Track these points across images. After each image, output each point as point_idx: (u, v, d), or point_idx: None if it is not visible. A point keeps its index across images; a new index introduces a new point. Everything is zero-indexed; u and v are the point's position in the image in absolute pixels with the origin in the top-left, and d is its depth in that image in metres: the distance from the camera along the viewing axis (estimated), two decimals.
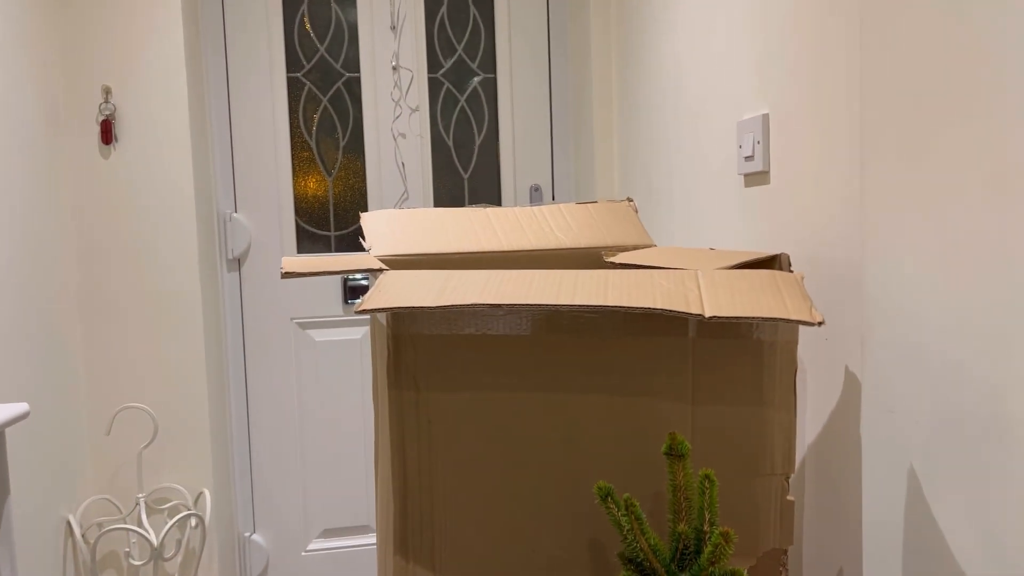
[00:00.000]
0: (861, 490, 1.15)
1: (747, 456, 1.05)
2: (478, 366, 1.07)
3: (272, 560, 2.47)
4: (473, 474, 1.08)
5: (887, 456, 0.99)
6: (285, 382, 2.44)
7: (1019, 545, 0.79)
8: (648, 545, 0.89)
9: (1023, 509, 0.79)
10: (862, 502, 1.03)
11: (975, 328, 0.84)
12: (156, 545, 1.88)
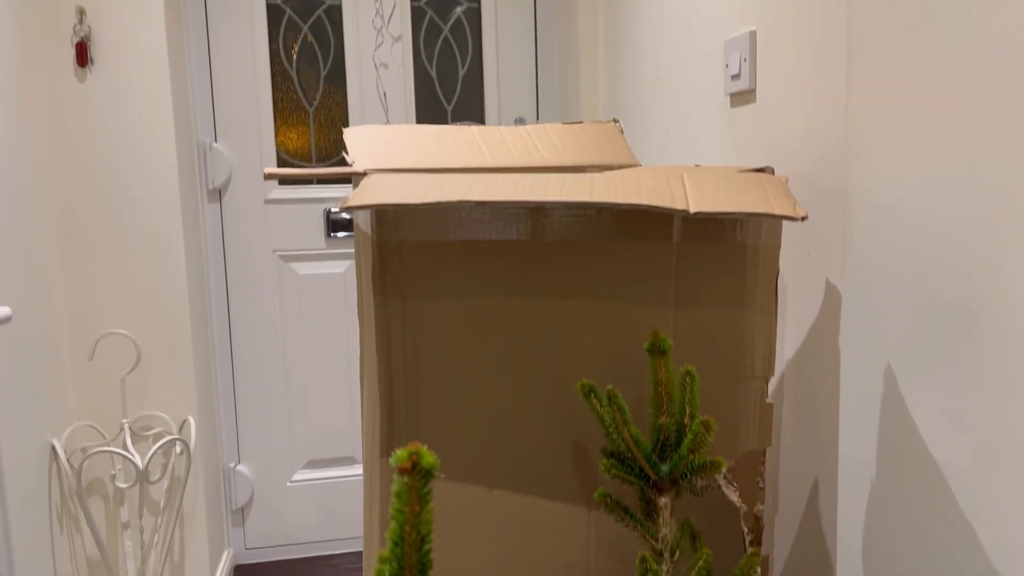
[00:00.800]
0: (839, 397, 1.18)
1: (727, 360, 1.07)
2: (464, 273, 1.07)
3: (257, 490, 2.50)
4: (459, 381, 1.10)
5: (865, 357, 1.01)
6: (268, 315, 2.43)
7: (992, 434, 0.82)
8: (630, 435, 0.91)
9: (995, 399, 0.81)
10: (839, 405, 1.05)
11: (953, 226, 0.85)
12: (142, 468, 1.89)
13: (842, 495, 1.09)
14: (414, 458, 0.57)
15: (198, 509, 2.15)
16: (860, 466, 1.03)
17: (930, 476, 0.91)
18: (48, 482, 1.85)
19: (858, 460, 1.04)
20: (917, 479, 0.93)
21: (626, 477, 0.93)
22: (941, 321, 0.88)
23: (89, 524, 1.90)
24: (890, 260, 0.95)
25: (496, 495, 1.14)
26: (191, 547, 2.16)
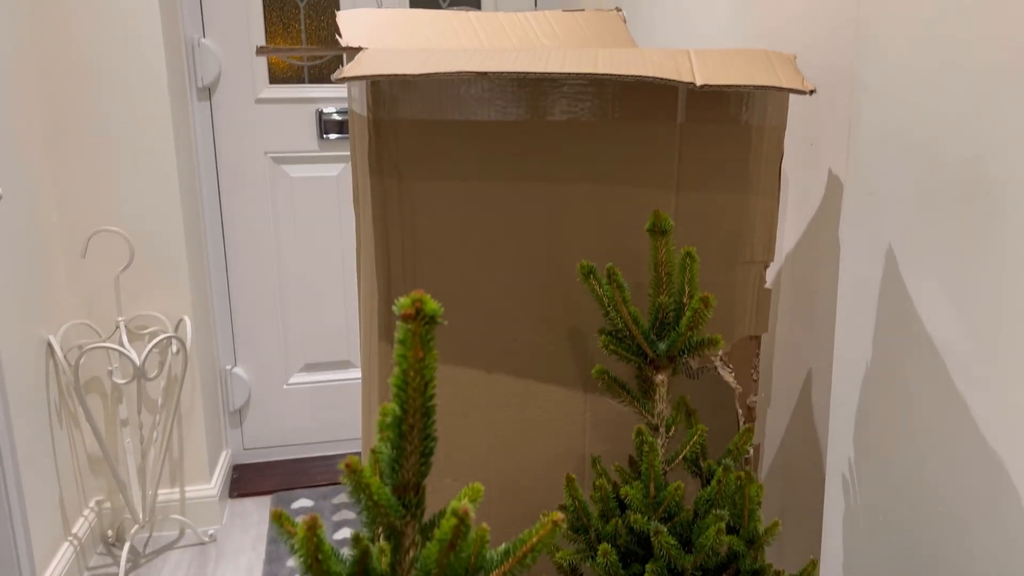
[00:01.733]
0: (836, 287, 1.18)
1: (728, 243, 1.06)
2: (463, 154, 1.05)
3: (254, 393, 2.52)
4: (456, 264, 1.09)
5: (865, 242, 1.00)
6: (261, 218, 2.41)
7: (991, 314, 0.82)
8: (628, 313, 0.91)
9: (996, 278, 0.81)
10: (838, 288, 1.05)
11: (963, 101, 0.83)
12: (139, 364, 1.90)
13: (836, 385, 1.10)
14: (417, 304, 0.57)
15: (196, 409, 2.17)
16: (856, 354, 1.04)
17: (927, 358, 0.92)
18: (46, 378, 1.86)
19: (854, 348, 1.04)
20: (913, 363, 0.94)
21: (624, 354, 0.93)
22: (946, 200, 0.87)
23: (88, 420, 1.91)
24: (896, 138, 0.93)
25: (494, 378, 1.14)
26: (190, 446, 2.20)
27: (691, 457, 0.95)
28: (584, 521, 0.95)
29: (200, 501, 2.22)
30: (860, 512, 1.04)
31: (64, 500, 1.93)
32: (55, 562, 1.86)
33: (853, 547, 1.06)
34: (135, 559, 2.09)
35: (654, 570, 0.87)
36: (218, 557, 2.11)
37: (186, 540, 2.18)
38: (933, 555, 0.90)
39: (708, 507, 0.89)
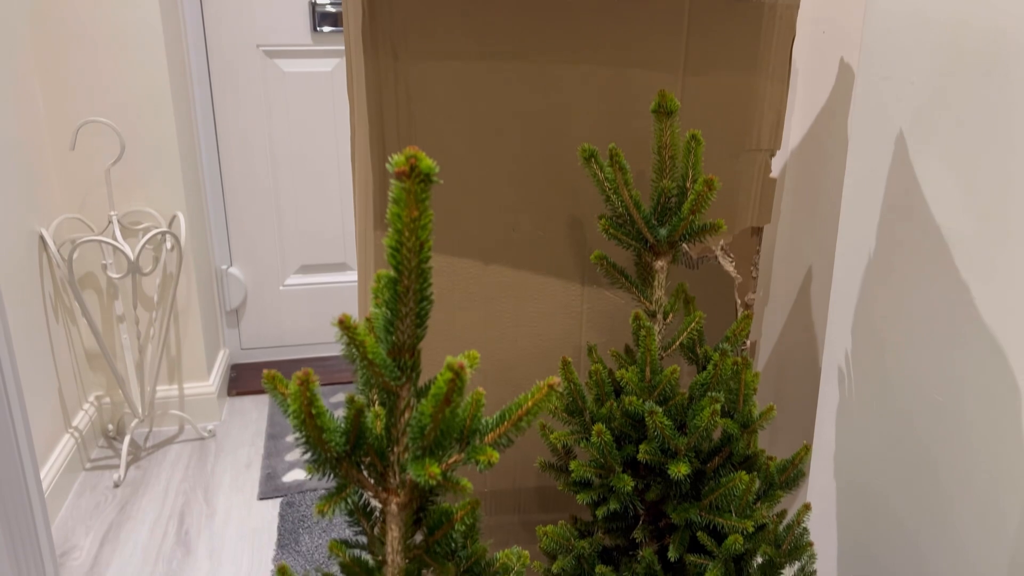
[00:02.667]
0: (842, 179, 1.15)
1: (734, 129, 1.03)
2: (462, 32, 1.01)
3: (250, 293, 2.52)
4: (454, 150, 1.06)
5: (876, 126, 0.97)
6: (254, 115, 2.35)
7: (998, 196, 0.80)
8: (630, 197, 0.89)
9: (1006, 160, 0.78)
10: (844, 178, 1.03)
11: None
12: (132, 259, 1.88)
13: (837, 277, 1.09)
14: (412, 161, 0.55)
15: (192, 306, 2.17)
16: (859, 244, 1.02)
17: (931, 247, 0.90)
18: (40, 272, 1.84)
19: (857, 239, 1.03)
20: (917, 253, 0.92)
21: (624, 239, 0.92)
22: (963, 79, 0.83)
23: (85, 315, 1.91)
24: (913, 18, 0.89)
25: (492, 270, 1.13)
26: (187, 343, 2.20)
27: (688, 343, 0.95)
28: (579, 404, 0.95)
29: (199, 398, 2.25)
30: (854, 404, 1.05)
31: (63, 393, 1.94)
32: (56, 453, 1.89)
33: (845, 438, 1.07)
34: (136, 452, 2.13)
35: (647, 451, 0.87)
36: (217, 451, 2.15)
37: (186, 435, 2.22)
38: (927, 446, 0.91)
39: (703, 391, 0.89)
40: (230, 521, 1.84)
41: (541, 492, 1.34)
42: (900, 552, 0.97)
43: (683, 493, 0.91)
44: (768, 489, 0.93)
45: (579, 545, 0.93)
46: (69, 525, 1.82)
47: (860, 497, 1.03)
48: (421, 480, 0.52)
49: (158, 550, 1.74)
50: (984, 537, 0.83)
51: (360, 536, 0.65)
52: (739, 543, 0.85)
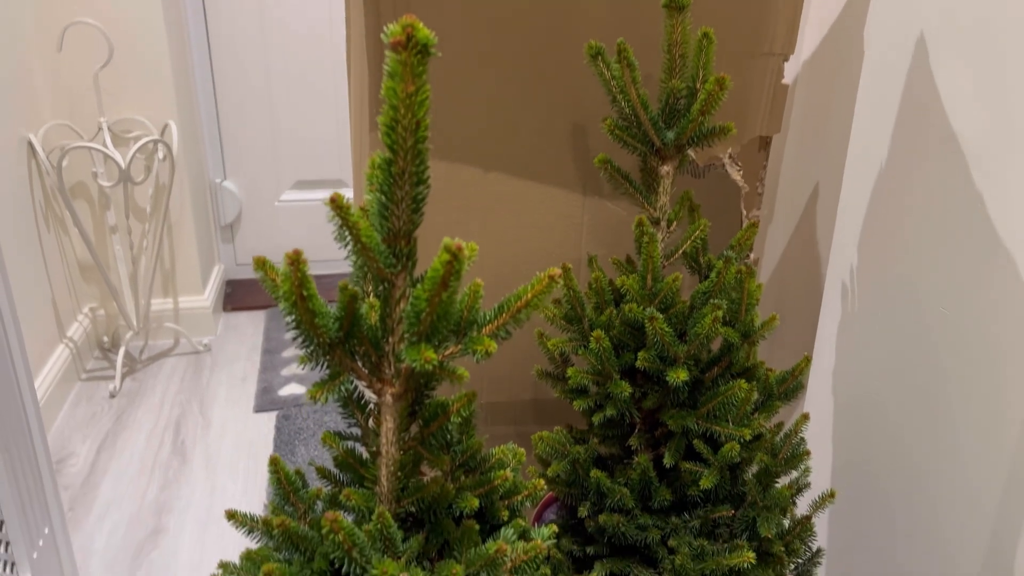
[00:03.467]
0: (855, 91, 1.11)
1: (747, 31, 0.98)
2: None
3: (245, 208, 2.48)
4: (454, 47, 1.01)
5: (895, 31, 0.93)
6: (248, 23, 2.27)
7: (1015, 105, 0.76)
8: (637, 96, 0.85)
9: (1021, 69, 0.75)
10: (859, 87, 0.99)
11: None
12: (124, 167, 1.84)
13: (847, 188, 1.06)
14: (408, 31, 0.51)
15: (186, 219, 2.14)
16: (871, 152, 0.99)
17: (946, 152, 0.87)
18: (29, 179, 1.80)
19: (870, 146, 0.99)
20: (931, 161, 0.89)
21: (629, 141, 0.88)
22: None
23: (76, 225, 1.88)
24: None
25: (492, 178, 1.10)
26: (181, 256, 2.18)
27: (691, 252, 0.92)
28: (578, 311, 0.93)
29: (194, 312, 2.24)
30: (857, 318, 1.04)
31: (57, 303, 1.93)
32: (51, 362, 1.88)
33: (846, 352, 1.06)
34: (131, 364, 2.13)
35: (646, 358, 0.86)
36: (213, 365, 2.15)
37: (181, 349, 2.21)
38: (930, 360, 0.89)
39: (705, 299, 0.87)
40: (226, 433, 1.85)
41: (536, 405, 1.34)
42: (896, 466, 0.97)
43: (680, 401, 0.90)
44: (766, 400, 0.92)
45: (574, 450, 0.92)
46: (65, 433, 1.83)
47: (858, 411, 1.03)
48: (417, 365, 0.50)
49: (154, 459, 1.75)
50: (983, 451, 0.83)
51: (354, 428, 0.64)
52: (735, 451, 0.84)
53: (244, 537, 1.57)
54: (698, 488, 0.89)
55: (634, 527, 0.90)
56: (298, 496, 0.63)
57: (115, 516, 1.57)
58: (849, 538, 1.07)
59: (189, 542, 1.50)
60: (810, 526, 0.90)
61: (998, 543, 0.83)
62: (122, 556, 1.47)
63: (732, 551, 0.84)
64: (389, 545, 0.56)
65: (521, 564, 0.57)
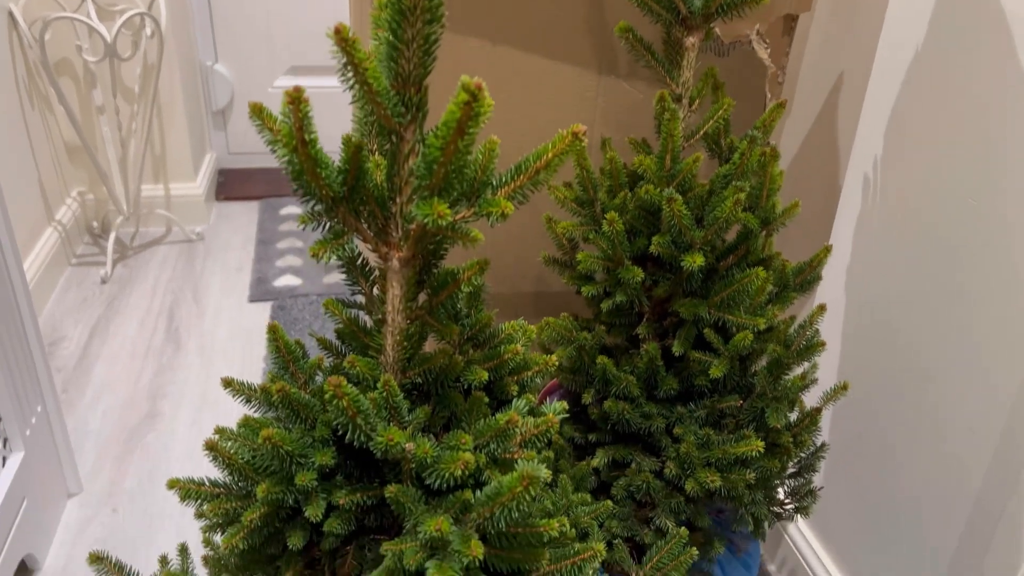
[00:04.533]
0: None
1: None
2: None
3: (237, 94, 2.39)
4: None
5: None
6: None
7: None
8: None
9: None
10: None
11: None
12: (109, 40, 1.75)
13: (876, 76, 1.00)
14: None
15: (176, 102, 2.05)
16: (904, 41, 0.93)
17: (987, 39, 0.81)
18: (11, 53, 1.71)
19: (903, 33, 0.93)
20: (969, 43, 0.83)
21: (654, 7, 0.82)
22: None
23: (62, 103, 1.80)
24: None
25: (500, 51, 1.03)
26: (172, 141, 2.11)
27: (713, 133, 0.87)
28: (590, 194, 0.89)
29: (186, 199, 2.18)
30: (876, 212, 1.00)
31: (44, 186, 1.87)
32: (40, 245, 1.84)
33: (863, 248, 1.02)
34: (122, 251, 2.08)
35: (660, 243, 0.82)
36: (206, 254, 2.11)
37: (173, 237, 2.17)
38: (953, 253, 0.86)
39: (726, 182, 0.83)
40: (220, 321, 1.83)
41: (538, 298, 1.31)
42: (906, 366, 0.94)
43: (692, 290, 0.87)
44: (781, 291, 0.89)
45: (581, 337, 0.90)
46: (56, 317, 1.81)
47: (871, 308, 1.00)
48: (429, 221, 0.46)
49: (148, 345, 1.73)
50: (999, 353, 0.81)
51: (358, 295, 0.60)
52: (748, 340, 0.82)
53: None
54: (706, 378, 0.87)
55: (639, 415, 0.88)
56: (298, 366, 0.60)
57: (109, 399, 1.56)
58: (852, 434, 1.06)
59: (184, 426, 1.49)
60: (818, 418, 0.89)
61: (1005, 445, 0.81)
62: (117, 438, 1.46)
63: (739, 440, 0.83)
64: (394, 414, 0.53)
65: (531, 437, 0.54)
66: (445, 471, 0.50)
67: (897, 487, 0.98)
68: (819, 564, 1.14)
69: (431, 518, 0.47)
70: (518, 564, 0.54)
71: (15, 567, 1.11)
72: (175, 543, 1.04)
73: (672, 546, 0.73)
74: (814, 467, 0.94)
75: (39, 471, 1.21)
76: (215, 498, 0.54)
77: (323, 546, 0.55)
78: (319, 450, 0.53)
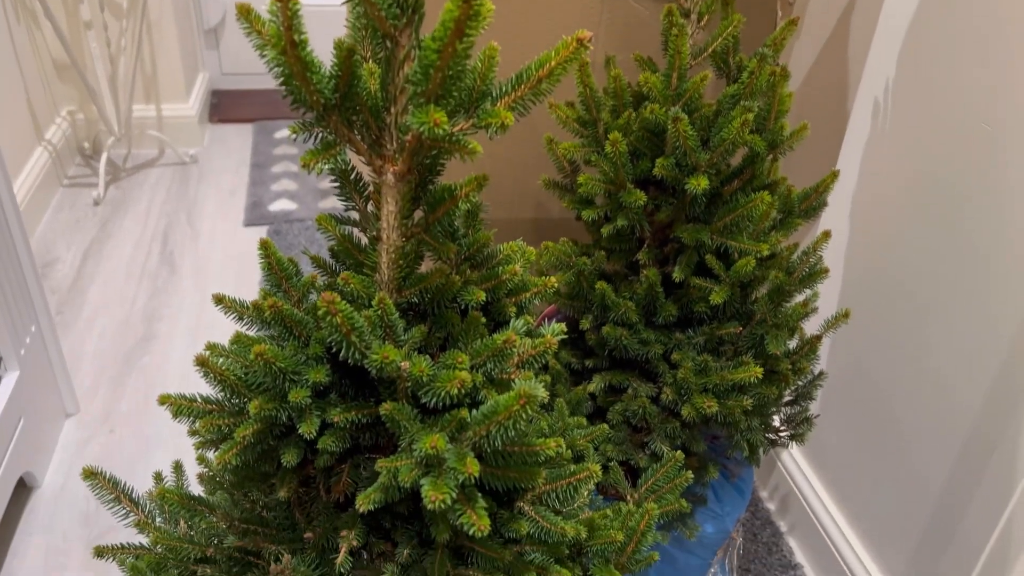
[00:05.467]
0: None
1: None
2: None
3: (229, 10, 2.32)
4: None
5: None
6: None
7: None
8: None
9: None
10: None
11: None
12: None
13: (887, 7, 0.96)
14: None
15: (166, 19, 1.99)
16: None
17: None
18: None
19: None
20: None
21: None
22: None
23: (48, 17, 1.74)
24: None
25: None
26: (163, 60, 2.05)
27: (722, 50, 0.84)
28: (593, 114, 0.86)
29: (178, 121, 2.13)
30: (887, 136, 0.97)
31: (33, 104, 1.82)
32: (30, 165, 1.80)
33: (870, 172, 1.00)
34: (115, 173, 2.05)
35: (664, 165, 0.80)
36: (200, 177, 2.07)
37: (166, 159, 2.13)
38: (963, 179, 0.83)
39: (734, 103, 0.80)
40: (215, 245, 1.81)
41: (538, 224, 1.30)
42: (911, 295, 0.93)
43: (695, 215, 0.85)
44: (786, 217, 0.87)
45: (580, 262, 0.88)
46: (49, 238, 1.78)
47: (876, 236, 0.99)
48: (425, 130, 0.44)
49: (142, 268, 1.72)
50: (1006, 283, 0.79)
51: (352, 212, 0.58)
52: (750, 266, 0.80)
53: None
54: (706, 304, 0.86)
55: (636, 341, 0.88)
56: (291, 283, 0.58)
57: (104, 322, 1.55)
58: (849, 363, 1.06)
59: (180, 350, 1.49)
60: (817, 346, 0.88)
61: (1003, 378, 0.81)
62: (113, 361, 1.46)
63: (738, 367, 0.82)
64: (390, 333, 0.52)
65: (529, 358, 0.53)
66: (441, 390, 0.49)
67: (892, 416, 0.98)
68: (811, 491, 1.15)
69: (427, 435, 0.47)
70: (514, 483, 0.53)
71: (14, 484, 1.12)
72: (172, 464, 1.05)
73: (668, 469, 0.73)
74: (811, 395, 0.94)
75: (35, 391, 1.21)
76: (207, 415, 0.53)
77: (317, 464, 0.55)
78: (313, 367, 0.52)
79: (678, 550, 0.97)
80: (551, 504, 0.58)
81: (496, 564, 0.55)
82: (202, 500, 0.60)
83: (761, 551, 1.17)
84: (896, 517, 0.99)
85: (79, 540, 1.12)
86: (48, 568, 1.09)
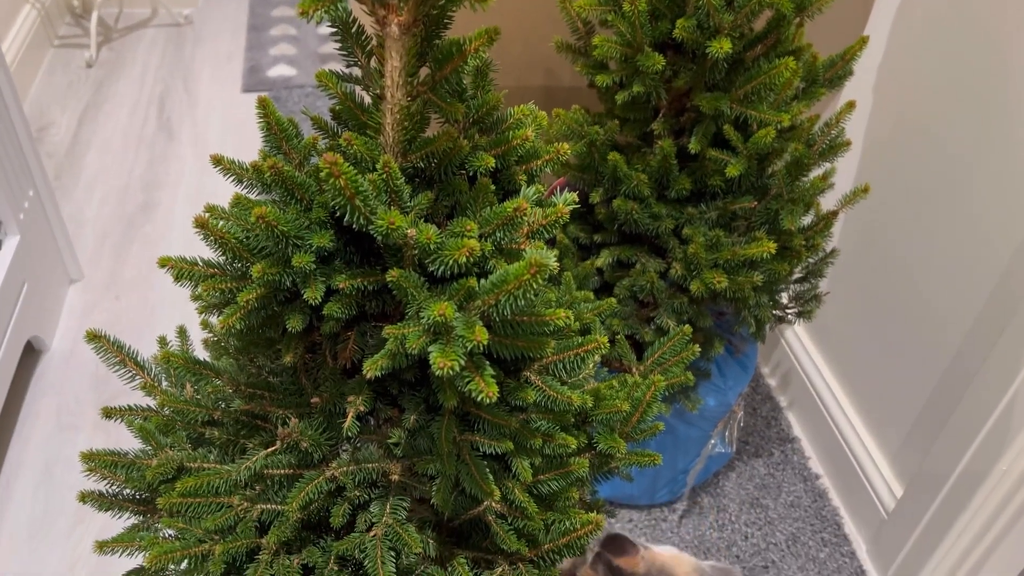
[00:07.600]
0: None
1: None
2: None
3: None
4: None
5: None
6: None
7: None
8: None
9: None
10: None
11: None
12: None
13: None
14: None
15: None
16: None
17: None
18: None
19: None
20: None
21: None
22: None
23: None
24: None
25: None
26: None
27: None
28: None
29: None
30: (918, 4, 0.91)
31: None
32: (18, 24, 1.73)
33: (899, 44, 0.95)
34: (107, 33, 1.97)
35: (685, 27, 0.75)
36: (196, 40, 1.99)
37: (160, 20, 2.04)
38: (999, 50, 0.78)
39: None
40: (213, 111, 1.76)
41: (548, 92, 1.25)
42: (935, 173, 0.90)
43: (715, 83, 0.81)
44: (809, 86, 0.83)
45: (592, 131, 0.85)
46: (43, 101, 1.73)
47: (902, 110, 0.94)
48: None
49: (139, 134, 1.67)
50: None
51: (354, 68, 0.55)
52: (770, 137, 0.77)
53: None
54: (721, 178, 0.83)
55: (647, 215, 0.86)
56: (291, 145, 0.56)
57: (103, 188, 1.53)
58: (862, 242, 1.04)
59: (181, 218, 1.47)
60: (833, 222, 0.86)
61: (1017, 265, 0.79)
62: (114, 227, 1.45)
63: (750, 242, 0.80)
64: (395, 198, 0.50)
65: (539, 228, 0.51)
66: (449, 258, 0.47)
67: (901, 295, 0.97)
68: (813, 367, 1.16)
69: (435, 303, 0.45)
70: (522, 352, 0.53)
71: (22, 346, 1.13)
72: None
73: (675, 343, 0.73)
74: (821, 272, 0.93)
75: (37, 256, 1.20)
76: (210, 278, 0.52)
77: (323, 330, 0.54)
78: (316, 232, 0.50)
79: (679, 422, 0.99)
80: (558, 374, 0.57)
81: (503, 431, 0.55)
82: (207, 364, 0.60)
83: (760, 425, 1.19)
84: (896, 395, 1.00)
85: (89, 404, 1.15)
86: (61, 427, 1.11)
